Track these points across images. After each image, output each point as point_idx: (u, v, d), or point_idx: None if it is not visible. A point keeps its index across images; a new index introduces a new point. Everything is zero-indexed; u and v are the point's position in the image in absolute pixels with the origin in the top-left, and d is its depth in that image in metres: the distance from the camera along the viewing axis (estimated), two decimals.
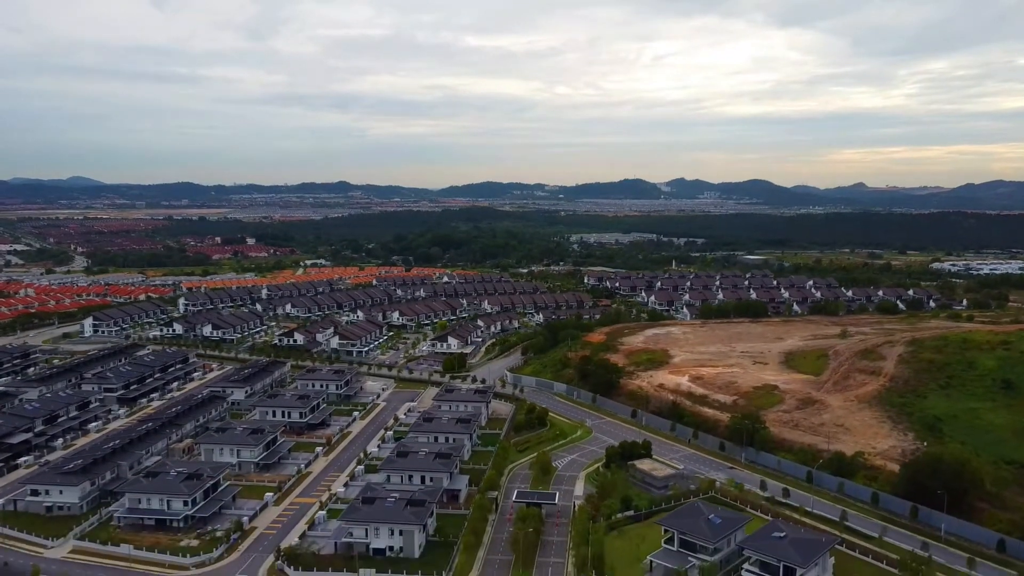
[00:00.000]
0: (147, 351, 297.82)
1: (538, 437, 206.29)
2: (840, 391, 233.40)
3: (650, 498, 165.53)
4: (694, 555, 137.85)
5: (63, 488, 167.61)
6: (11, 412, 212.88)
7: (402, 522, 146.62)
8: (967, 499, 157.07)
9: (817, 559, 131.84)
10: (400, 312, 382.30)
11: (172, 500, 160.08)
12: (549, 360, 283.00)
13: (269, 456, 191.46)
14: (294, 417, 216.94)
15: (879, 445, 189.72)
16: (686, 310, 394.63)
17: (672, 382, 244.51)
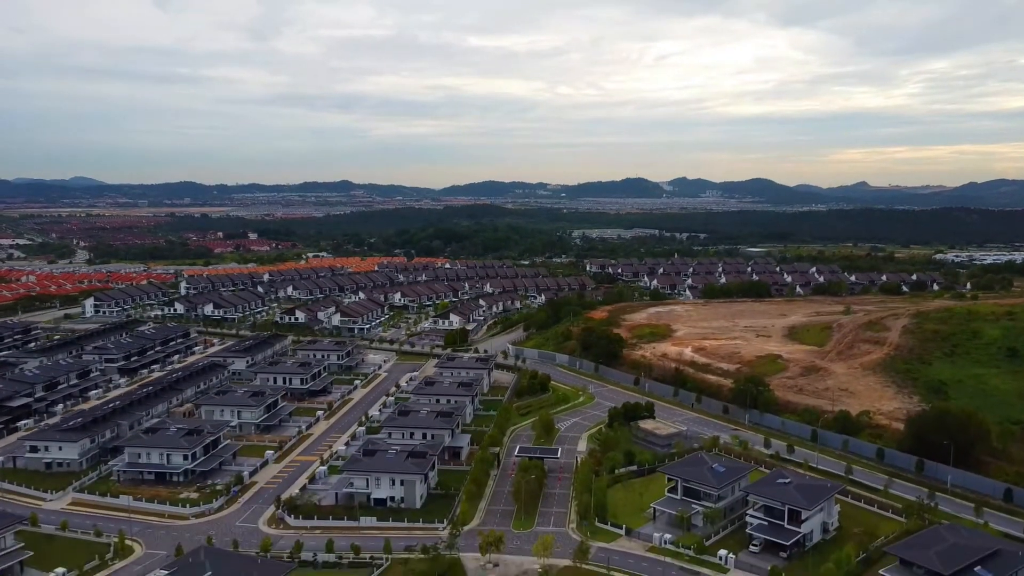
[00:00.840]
0: (148, 326, 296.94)
1: (540, 402, 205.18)
2: (844, 359, 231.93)
3: (653, 454, 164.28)
4: (698, 502, 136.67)
5: (62, 444, 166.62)
6: (11, 378, 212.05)
7: (403, 472, 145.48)
8: (973, 452, 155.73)
9: (822, 503, 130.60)
10: (402, 293, 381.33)
11: (172, 454, 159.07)
12: (551, 334, 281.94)
13: (270, 418, 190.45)
14: (295, 384, 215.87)
15: (884, 407, 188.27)
16: (688, 292, 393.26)
17: (675, 352, 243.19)
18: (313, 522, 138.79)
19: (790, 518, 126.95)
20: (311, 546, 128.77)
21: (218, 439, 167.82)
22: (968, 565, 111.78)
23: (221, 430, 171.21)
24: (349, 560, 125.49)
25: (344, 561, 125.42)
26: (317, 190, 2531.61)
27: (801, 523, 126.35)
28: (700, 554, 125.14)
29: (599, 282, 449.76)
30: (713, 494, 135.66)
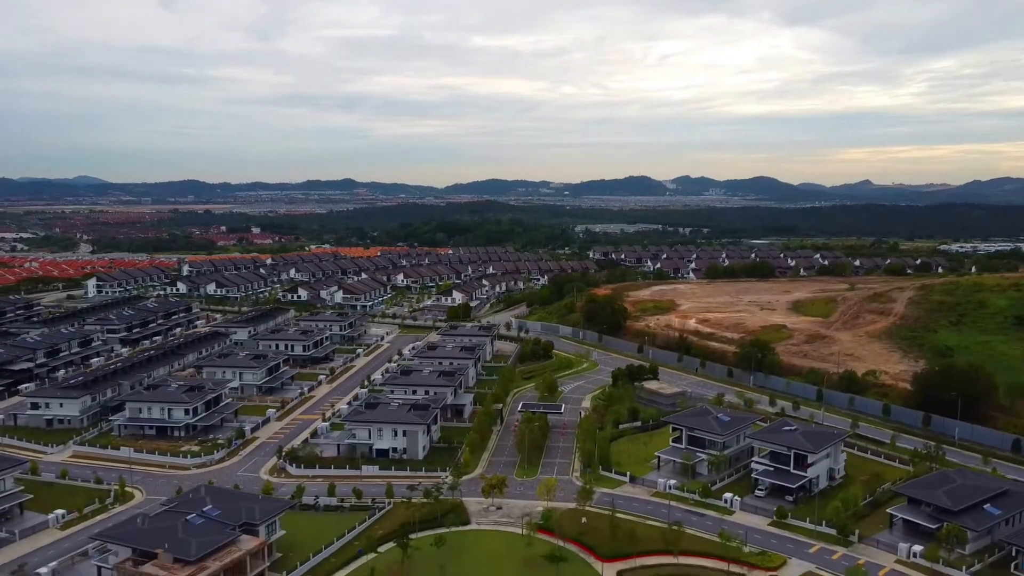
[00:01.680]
0: (151, 300, 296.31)
1: (543, 367, 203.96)
2: (849, 328, 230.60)
3: (657, 410, 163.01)
4: (702, 450, 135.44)
5: (63, 401, 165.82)
6: (13, 344, 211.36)
7: (406, 423, 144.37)
8: (980, 406, 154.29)
9: (828, 448, 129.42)
10: (405, 274, 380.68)
11: (173, 409, 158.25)
12: (554, 309, 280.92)
13: (271, 380, 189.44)
14: (297, 351, 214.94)
15: (890, 369, 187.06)
16: (692, 275, 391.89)
17: (679, 323, 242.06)
18: (315, 471, 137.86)
19: (796, 463, 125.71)
20: (313, 491, 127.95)
21: (219, 396, 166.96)
22: (977, 503, 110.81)
23: (223, 387, 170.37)
24: (351, 504, 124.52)
25: (345, 504, 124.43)
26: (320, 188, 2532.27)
27: (807, 467, 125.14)
28: (705, 497, 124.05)
29: (602, 267, 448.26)
30: (718, 442, 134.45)
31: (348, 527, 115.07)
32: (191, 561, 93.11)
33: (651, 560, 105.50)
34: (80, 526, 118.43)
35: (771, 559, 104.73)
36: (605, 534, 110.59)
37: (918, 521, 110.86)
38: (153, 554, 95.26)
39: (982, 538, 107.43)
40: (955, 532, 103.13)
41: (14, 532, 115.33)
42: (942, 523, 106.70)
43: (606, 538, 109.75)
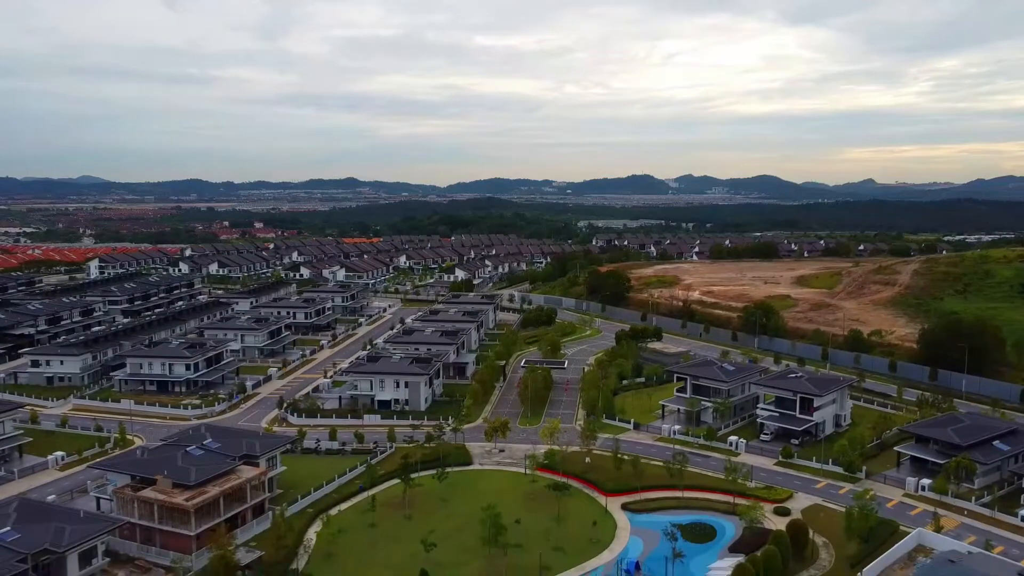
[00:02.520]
0: (153, 275, 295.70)
1: (546, 331, 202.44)
2: (855, 298, 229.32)
3: (661, 366, 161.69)
4: (707, 399, 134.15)
5: (64, 359, 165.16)
6: (15, 311, 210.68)
7: (407, 373, 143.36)
8: (987, 361, 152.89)
9: (834, 392, 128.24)
10: (407, 256, 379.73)
11: (174, 364, 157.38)
12: (557, 284, 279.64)
13: (273, 343, 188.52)
14: (299, 318, 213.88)
15: (897, 331, 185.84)
16: (696, 257, 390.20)
17: (683, 294, 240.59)
18: (316, 420, 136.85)
19: (802, 406, 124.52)
20: (314, 437, 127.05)
21: (221, 354, 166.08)
22: (986, 439, 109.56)
23: (224, 346, 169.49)
24: (352, 447, 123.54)
25: (347, 448, 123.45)
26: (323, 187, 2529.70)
27: (813, 411, 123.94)
28: (710, 440, 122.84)
29: (604, 252, 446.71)
30: (723, 389, 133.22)
31: (350, 467, 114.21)
32: (190, 485, 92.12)
33: (656, 494, 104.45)
34: (79, 468, 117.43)
35: (777, 492, 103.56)
36: (609, 472, 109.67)
37: (926, 457, 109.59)
38: (152, 480, 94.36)
39: (991, 473, 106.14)
40: (964, 464, 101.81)
41: (13, 471, 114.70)
42: (951, 459, 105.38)
43: (610, 475, 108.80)
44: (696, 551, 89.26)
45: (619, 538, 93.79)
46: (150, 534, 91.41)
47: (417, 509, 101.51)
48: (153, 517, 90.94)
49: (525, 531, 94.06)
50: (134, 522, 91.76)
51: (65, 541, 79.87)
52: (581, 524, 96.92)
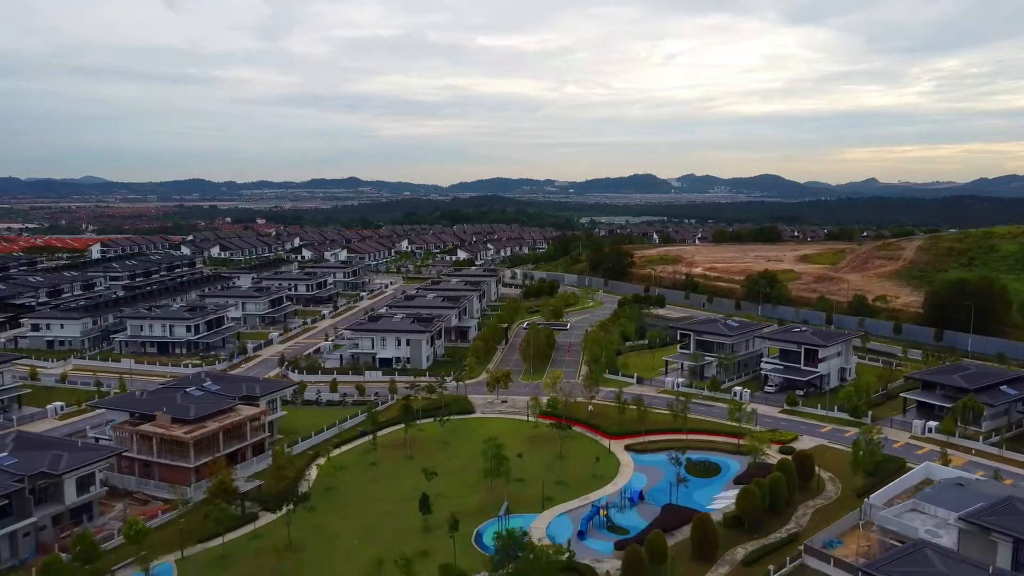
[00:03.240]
0: (154, 254, 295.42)
1: (548, 301, 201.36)
2: (859, 271, 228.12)
3: (664, 329, 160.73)
4: (711, 354, 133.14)
5: (64, 323, 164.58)
6: (15, 282, 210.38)
7: (409, 331, 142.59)
8: (993, 321, 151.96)
9: (839, 344, 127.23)
10: (409, 240, 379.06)
11: (175, 326, 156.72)
12: (559, 263, 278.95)
13: (275, 312, 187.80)
14: (300, 291, 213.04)
15: (901, 299, 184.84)
16: (699, 242, 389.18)
17: (685, 270, 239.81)
18: (317, 376, 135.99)
19: (806, 358, 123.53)
20: (315, 391, 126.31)
21: (222, 318, 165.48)
22: (993, 384, 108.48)
23: (225, 310, 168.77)
24: (353, 399, 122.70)
25: (348, 400, 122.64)
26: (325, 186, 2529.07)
27: (818, 363, 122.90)
28: (714, 391, 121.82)
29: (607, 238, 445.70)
30: (727, 344, 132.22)
31: (351, 415, 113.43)
32: (189, 420, 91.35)
33: (660, 437, 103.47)
34: (78, 417, 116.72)
35: (782, 435, 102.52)
36: (612, 418, 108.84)
37: (933, 402, 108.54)
38: (151, 417, 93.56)
39: (998, 416, 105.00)
40: (971, 404, 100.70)
41: (12, 419, 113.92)
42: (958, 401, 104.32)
43: (613, 420, 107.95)
44: (701, 484, 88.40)
45: (622, 474, 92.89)
46: (149, 468, 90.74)
47: (418, 450, 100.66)
48: (152, 451, 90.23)
49: (527, 467, 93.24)
50: (132, 456, 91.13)
51: (62, 466, 79.10)
52: (584, 462, 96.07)
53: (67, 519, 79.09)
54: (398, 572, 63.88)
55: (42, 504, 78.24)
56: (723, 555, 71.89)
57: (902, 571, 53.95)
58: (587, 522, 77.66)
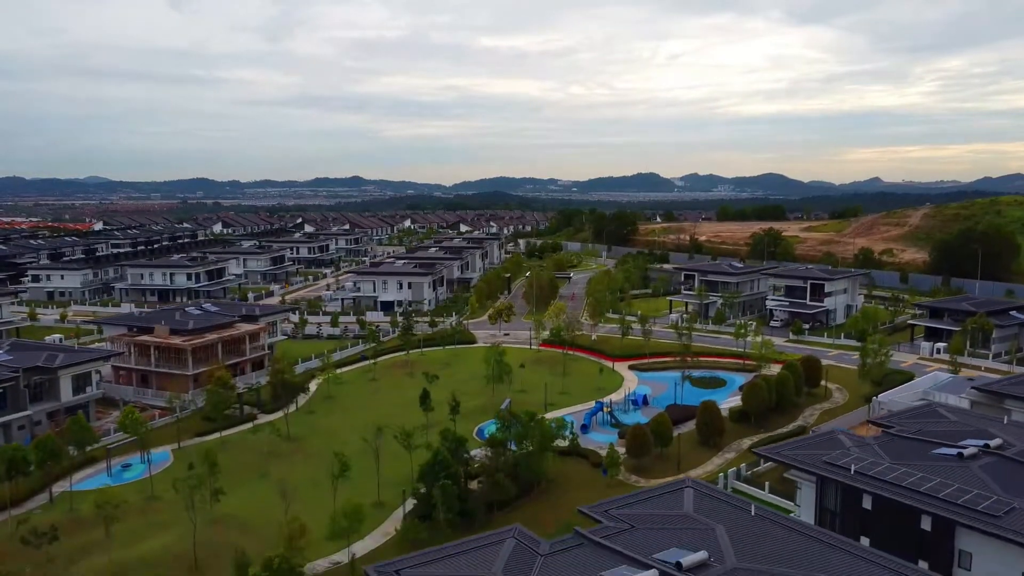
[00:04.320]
0: (158, 226, 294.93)
1: (552, 256, 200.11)
2: (864, 236, 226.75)
3: (668, 277, 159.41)
4: (715, 294, 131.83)
5: (64, 273, 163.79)
6: (17, 244, 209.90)
7: (411, 275, 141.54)
8: (1001, 267, 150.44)
9: (845, 281, 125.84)
10: (412, 220, 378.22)
11: (175, 274, 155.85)
12: (563, 234, 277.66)
13: (276, 269, 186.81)
14: (303, 253, 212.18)
15: (907, 254, 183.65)
16: (703, 221, 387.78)
17: (689, 235, 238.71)
18: (319, 317, 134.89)
19: (812, 292, 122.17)
20: (316, 325, 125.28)
21: (223, 269, 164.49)
22: (1002, 309, 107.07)
23: (226, 261, 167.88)
24: (354, 333, 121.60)
25: (349, 334, 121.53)
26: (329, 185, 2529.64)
27: (824, 297, 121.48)
28: (719, 324, 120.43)
29: None
30: (732, 283, 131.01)
31: (352, 344, 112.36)
32: (187, 330, 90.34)
33: (664, 359, 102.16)
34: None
35: (788, 356, 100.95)
36: (616, 345, 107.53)
37: (941, 327, 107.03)
38: (150, 330, 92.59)
39: (1007, 340, 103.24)
40: (981, 323, 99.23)
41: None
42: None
43: (617, 346, 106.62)
44: (706, 394, 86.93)
45: (626, 387, 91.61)
46: (146, 378, 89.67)
47: (420, 369, 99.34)
48: (150, 361, 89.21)
49: (530, 380, 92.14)
50: (130, 367, 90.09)
51: (58, 362, 78.13)
52: (587, 377, 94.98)
53: (62, 417, 78.07)
54: (397, 445, 62.66)
55: (38, 401, 77.33)
56: (729, 444, 70.63)
57: (914, 422, 52.64)
58: (591, 417, 76.50)
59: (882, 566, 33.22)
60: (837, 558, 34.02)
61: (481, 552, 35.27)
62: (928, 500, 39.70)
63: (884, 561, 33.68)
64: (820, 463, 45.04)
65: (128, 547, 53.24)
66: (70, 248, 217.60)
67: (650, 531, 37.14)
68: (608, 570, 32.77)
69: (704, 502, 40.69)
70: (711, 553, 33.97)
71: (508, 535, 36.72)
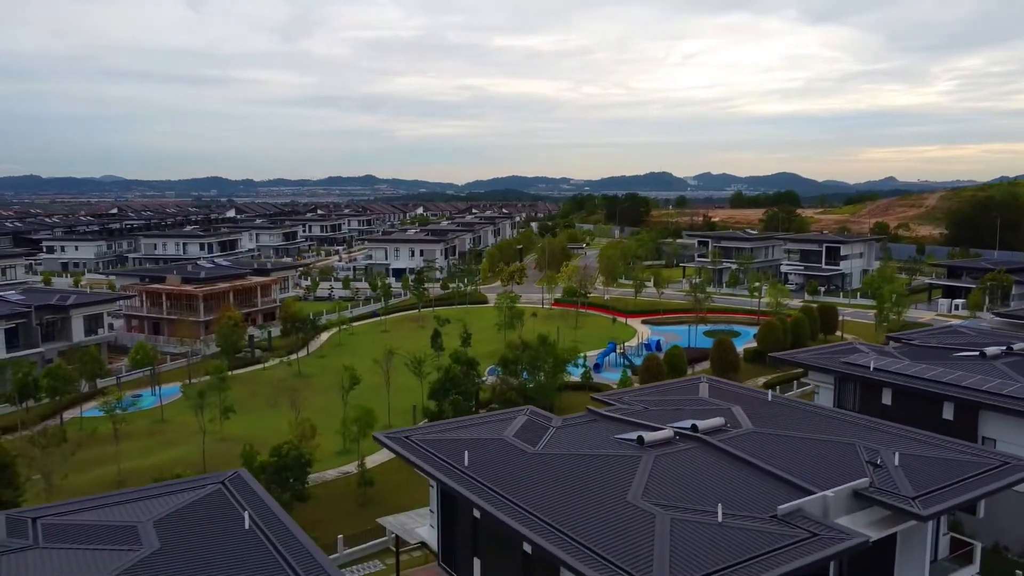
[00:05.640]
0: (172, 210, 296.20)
1: (565, 231, 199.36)
2: (879, 217, 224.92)
3: (681, 246, 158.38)
4: (729, 260, 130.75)
5: (79, 244, 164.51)
6: (33, 221, 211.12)
7: (423, 241, 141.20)
8: (1019, 236, 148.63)
9: (861, 245, 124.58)
10: (424, 207, 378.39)
11: (188, 244, 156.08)
12: (575, 217, 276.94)
13: (288, 244, 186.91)
14: (315, 232, 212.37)
15: (924, 229, 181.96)
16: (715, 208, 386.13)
17: (703, 217, 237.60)
18: (330, 283, 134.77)
19: (828, 256, 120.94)
20: (327, 288, 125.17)
21: (235, 241, 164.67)
22: (1020, 267, 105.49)
23: (240, 234, 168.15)
24: (366, 295, 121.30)
25: (360, 296, 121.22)
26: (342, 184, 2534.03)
27: (840, 260, 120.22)
28: (733, 287, 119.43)
29: None
30: (746, 248, 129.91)
31: (364, 302, 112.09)
32: (199, 279, 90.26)
33: (678, 316, 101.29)
34: None
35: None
36: (629, 303, 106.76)
37: (959, 285, 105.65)
38: (162, 279, 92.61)
39: None
40: (1000, 279, 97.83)
41: None
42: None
43: (631, 304, 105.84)
44: None
45: (640, 338, 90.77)
46: (158, 326, 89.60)
47: (431, 323, 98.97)
48: (162, 309, 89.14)
49: (541, 330, 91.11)
50: (142, 315, 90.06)
51: (70, 301, 78.15)
52: (600, 329, 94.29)
53: (74, 357, 78.01)
54: (408, 378, 62.14)
55: (50, 340, 77.28)
56: (743, 382, 69.56)
57: (935, 338, 51.70)
58: (604, 357, 75.77)
59: (904, 436, 32.42)
60: (855, 429, 33.26)
61: (494, 424, 34.83)
62: (950, 388, 38.77)
63: (904, 432, 32.87)
64: (839, 363, 44.18)
65: (137, 460, 53.01)
66: (84, 227, 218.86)
67: (664, 411, 36.44)
68: (621, 434, 32.14)
69: (720, 391, 39.98)
70: (728, 423, 33.29)
71: (521, 413, 36.27)
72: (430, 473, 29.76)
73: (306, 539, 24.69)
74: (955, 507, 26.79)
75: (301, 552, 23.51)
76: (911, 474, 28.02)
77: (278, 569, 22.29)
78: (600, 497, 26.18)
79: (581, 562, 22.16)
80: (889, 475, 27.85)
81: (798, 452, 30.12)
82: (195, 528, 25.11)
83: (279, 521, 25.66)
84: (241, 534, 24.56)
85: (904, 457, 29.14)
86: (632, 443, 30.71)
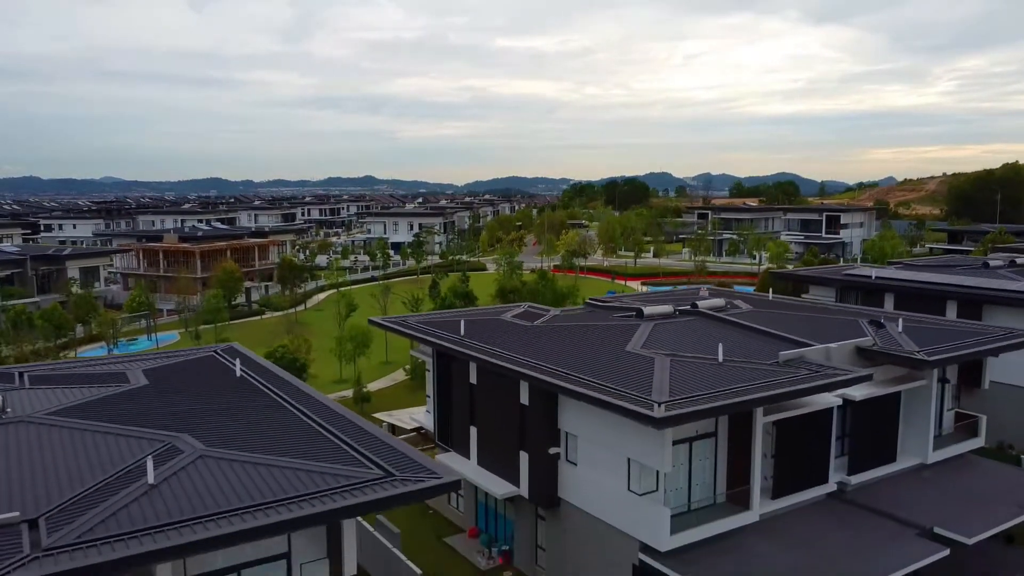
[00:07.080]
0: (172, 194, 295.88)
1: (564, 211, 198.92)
2: (880, 199, 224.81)
3: (680, 223, 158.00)
4: (729, 232, 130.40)
5: (77, 223, 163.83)
6: (31, 204, 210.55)
7: (422, 215, 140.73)
8: (1020, 211, 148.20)
9: (862, 211, 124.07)
10: (424, 199, 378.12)
11: (187, 219, 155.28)
12: (575, 203, 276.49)
13: (287, 225, 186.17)
14: (314, 215, 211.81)
15: (924, 208, 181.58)
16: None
17: (703, 201, 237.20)
18: (329, 256, 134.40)
19: (828, 225, 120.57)
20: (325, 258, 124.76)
21: (234, 219, 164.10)
22: (1021, 232, 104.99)
23: (238, 212, 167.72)
24: (364, 265, 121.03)
25: (358, 265, 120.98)
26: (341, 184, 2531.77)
27: (840, 229, 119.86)
28: (733, 256, 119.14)
29: None
30: (746, 219, 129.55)
31: (362, 271, 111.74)
32: (197, 237, 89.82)
33: (677, 278, 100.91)
34: None
35: None
36: (629, 269, 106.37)
37: (961, 248, 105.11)
38: (159, 239, 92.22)
39: None
40: (1002, 239, 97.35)
41: None
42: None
43: (629, 269, 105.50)
44: None
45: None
46: (155, 285, 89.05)
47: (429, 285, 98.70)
48: (159, 268, 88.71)
49: (541, 289, 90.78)
50: (139, 274, 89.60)
51: (65, 252, 77.74)
52: (598, 288, 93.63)
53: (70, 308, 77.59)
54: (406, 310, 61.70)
55: (46, 292, 76.81)
56: None
57: (936, 263, 51.26)
58: None
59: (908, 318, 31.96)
60: (856, 311, 32.83)
61: (492, 313, 34.55)
62: (954, 288, 38.33)
63: (908, 315, 32.40)
64: (840, 275, 43.76)
65: None
66: (87, 208, 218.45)
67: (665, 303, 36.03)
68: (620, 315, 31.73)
69: (722, 295, 39.55)
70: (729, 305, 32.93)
71: (519, 306, 35.99)
72: (427, 340, 29.32)
73: (299, 382, 24.29)
74: (959, 358, 26.34)
75: (293, 389, 23.10)
76: (914, 335, 27.59)
77: (270, 400, 21.84)
78: (598, 350, 25.75)
79: (580, 387, 21.74)
80: (892, 337, 27.41)
81: (800, 323, 29.70)
82: (184, 376, 24.69)
83: (273, 373, 25.26)
84: (232, 380, 24.13)
85: (908, 324, 28.73)
86: (631, 317, 30.29)
